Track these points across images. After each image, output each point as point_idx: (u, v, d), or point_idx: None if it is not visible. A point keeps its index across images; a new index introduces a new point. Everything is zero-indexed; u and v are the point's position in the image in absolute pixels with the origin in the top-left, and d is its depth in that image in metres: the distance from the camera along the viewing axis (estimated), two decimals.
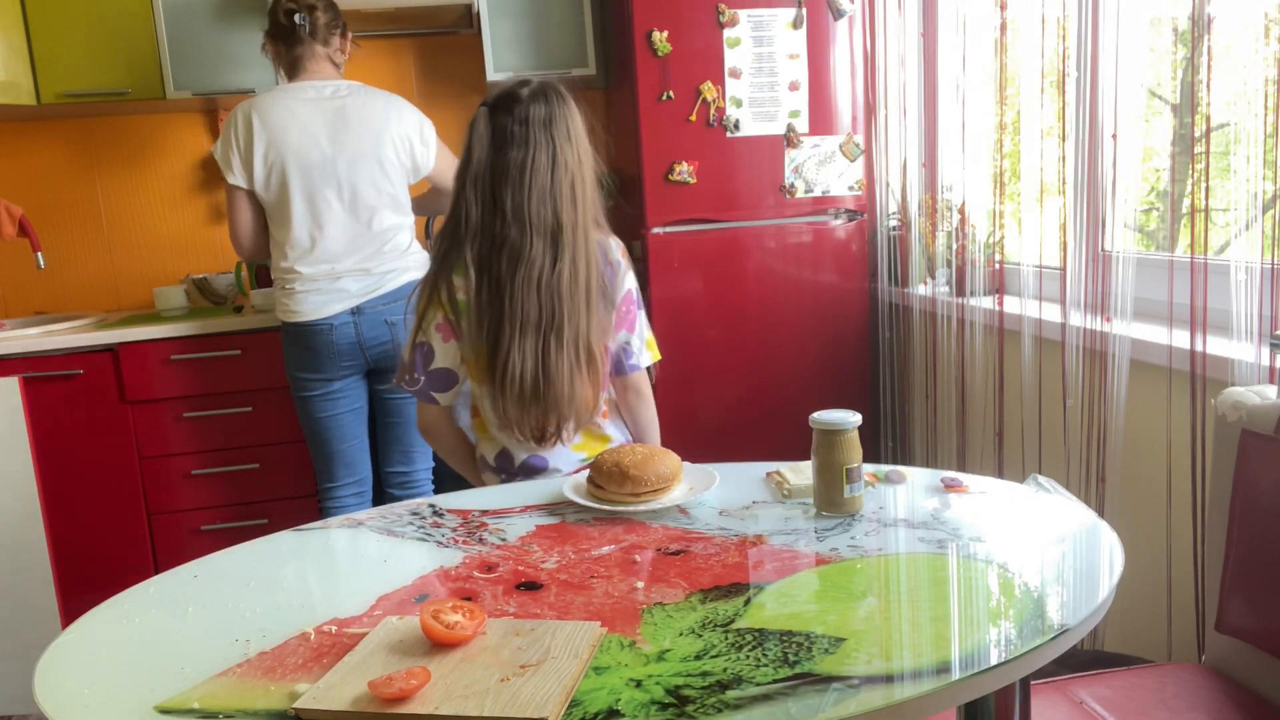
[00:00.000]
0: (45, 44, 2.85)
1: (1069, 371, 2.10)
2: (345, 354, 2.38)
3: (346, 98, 2.37)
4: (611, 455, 1.47)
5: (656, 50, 2.76)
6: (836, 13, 2.82)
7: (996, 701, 1.18)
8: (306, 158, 2.31)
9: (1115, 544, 1.22)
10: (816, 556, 1.24)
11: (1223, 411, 1.47)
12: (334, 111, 2.34)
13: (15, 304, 3.28)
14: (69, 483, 2.76)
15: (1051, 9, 2.09)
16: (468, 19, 3.15)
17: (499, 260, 1.59)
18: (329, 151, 2.31)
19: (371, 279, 2.37)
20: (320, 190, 2.32)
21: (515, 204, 1.58)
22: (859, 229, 2.94)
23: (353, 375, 2.44)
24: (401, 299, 2.37)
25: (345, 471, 2.50)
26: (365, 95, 2.40)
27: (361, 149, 2.33)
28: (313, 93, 2.35)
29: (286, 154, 2.31)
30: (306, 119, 2.32)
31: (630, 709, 0.90)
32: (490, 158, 1.59)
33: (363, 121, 2.35)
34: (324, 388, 2.42)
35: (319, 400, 2.43)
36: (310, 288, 2.35)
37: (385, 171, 2.36)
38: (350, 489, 2.53)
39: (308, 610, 1.16)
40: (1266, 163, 1.59)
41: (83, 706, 0.96)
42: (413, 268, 2.43)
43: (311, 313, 2.35)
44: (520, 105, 1.60)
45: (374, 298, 2.37)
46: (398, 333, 2.38)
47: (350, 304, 2.35)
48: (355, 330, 2.36)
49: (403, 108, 2.44)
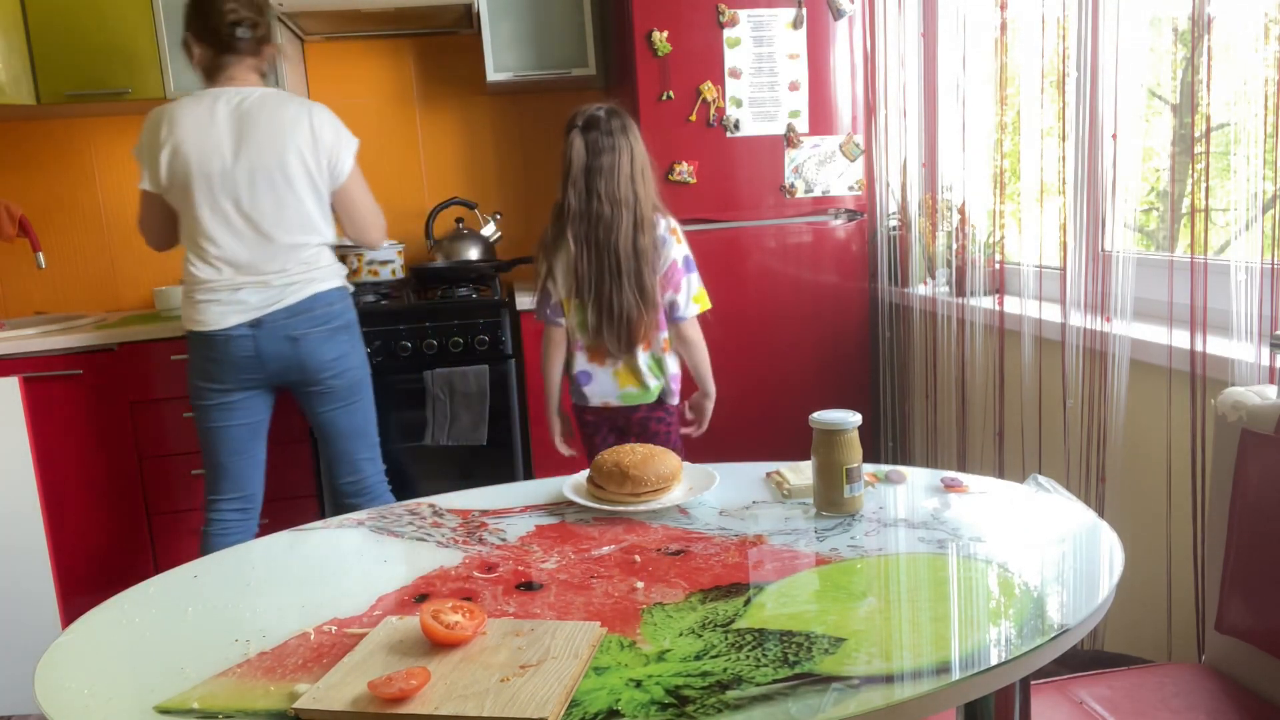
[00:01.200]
0: (45, 44, 2.85)
1: (1069, 371, 2.10)
2: (243, 367, 2.30)
3: (259, 107, 2.28)
4: (611, 455, 1.47)
5: (656, 50, 2.76)
6: (836, 13, 2.82)
7: (996, 701, 1.18)
8: (208, 167, 2.24)
9: (1115, 544, 1.22)
10: (816, 556, 1.24)
11: (1223, 411, 1.47)
12: (243, 121, 2.26)
13: (15, 304, 3.28)
14: (69, 483, 2.76)
15: (1051, 9, 2.09)
16: (468, 19, 3.15)
17: (596, 232, 2.18)
18: (230, 162, 2.24)
19: (272, 291, 2.28)
20: (220, 201, 2.26)
21: (608, 190, 2.17)
22: (859, 229, 2.94)
23: (253, 389, 2.35)
24: (304, 313, 2.31)
25: (229, 486, 2.41)
26: (278, 104, 2.30)
27: (265, 160, 2.25)
28: (224, 102, 2.27)
29: (190, 162, 2.25)
30: (214, 128, 2.25)
31: (630, 709, 0.90)
32: (586, 162, 2.17)
33: (270, 131, 2.26)
34: (219, 398, 2.34)
35: (211, 410, 2.35)
36: (210, 297, 2.28)
37: (290, 183, 2.28)
38: (233, 504, 2.43)
39: (308, 610, 1.16)
40: (1266, 163, 1.59)
41: (83, 706, 0.96)
42: (320, 279, 2.34)
43: (210, 323, 2.28)
44: (603, 122, 2.18)
45: (274, 311, 2.28)
46: (300, 348, 2.31)
47: (249, 316, 2.27)
48: (254, 344, 2.28)
49: (317, 117, 2.33)
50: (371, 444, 2.51)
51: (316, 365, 2.34)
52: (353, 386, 2.43)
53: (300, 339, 2.31)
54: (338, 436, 2.45)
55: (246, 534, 2.46)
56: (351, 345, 2.43)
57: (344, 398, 2.42)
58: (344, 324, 2.40)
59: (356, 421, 2.46)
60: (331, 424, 2.44)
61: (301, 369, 2.34)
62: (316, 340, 2.33)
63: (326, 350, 2.35)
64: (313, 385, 2.37)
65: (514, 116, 3.46)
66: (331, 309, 2.36)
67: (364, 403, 2.47)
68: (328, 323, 2.35)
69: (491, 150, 3.47)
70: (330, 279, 2.37)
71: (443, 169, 3.45)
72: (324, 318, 2.34)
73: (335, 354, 2.37)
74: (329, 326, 2.35)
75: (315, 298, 2.33)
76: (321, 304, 2.34)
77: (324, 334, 2.34)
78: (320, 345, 2.34)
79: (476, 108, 3.44)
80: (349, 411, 2.44)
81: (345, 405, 2.43)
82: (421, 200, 3.44)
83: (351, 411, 2.44)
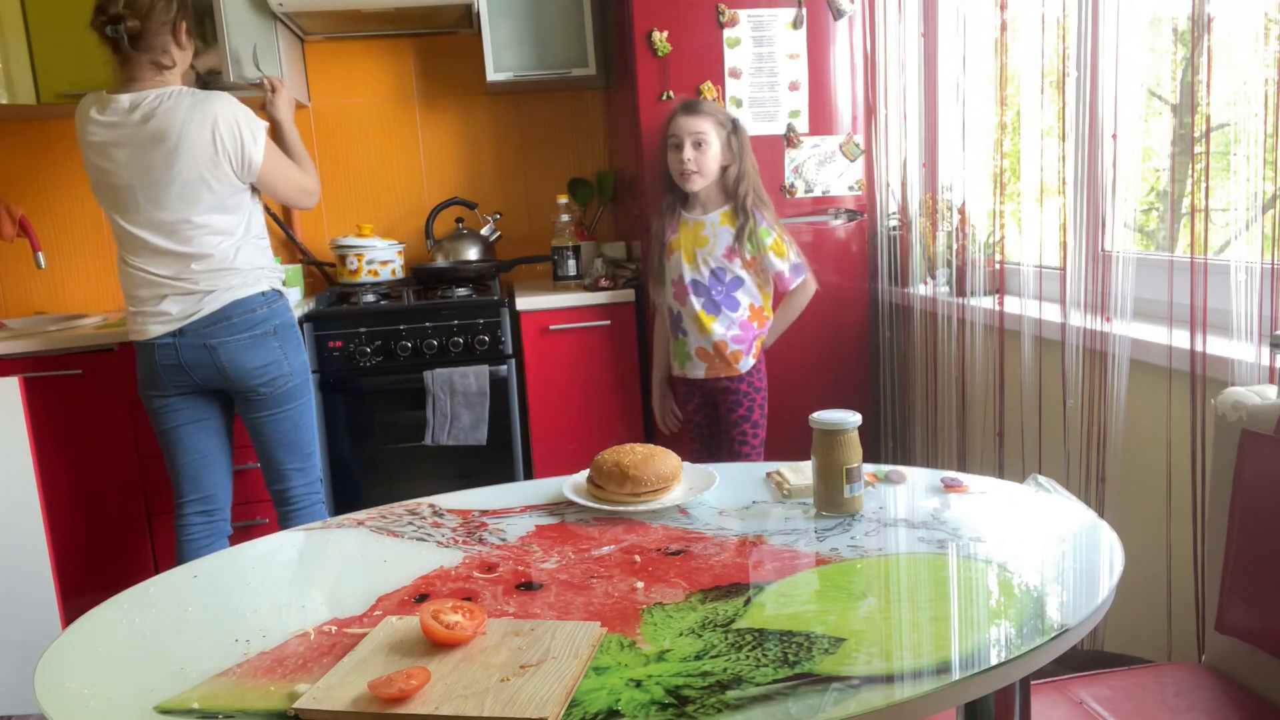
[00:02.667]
0: (45, 44, 2.84)
1: (1069, 371, 2.10)
2: (170, 374, 2.30)
3: (153, 113, 2.19)
4: (611, 455, 1.47)
5: (656, 50, 2.76)
6: (836, 13, 2.82)
7: (996, 701, 1.18)
8: (108, 182, 2.23)
9: (1115, 544, 1.22)
10: (816, 556, 1.24)
11: (1223, 411, 1.47)
12: (136, 128, 2.20)
13: (15, 304, 3.28)
14: (69, 483, 2.76)
15: (1051, 9, 2.09)
16: (468, 19, 3.15)
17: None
18: (126, 177, 2.21)
19: (191, 300, 2.26)
20: (128, 215, 2.24)
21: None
22: (859, 229, 2.94)
23: (189, 392, 2.35)
24: (222, 321, 2.27)
25: (190, 487, 2.41)
26: (175, 104, 2.20)
27: (160, 170, 2.20)
28: (116, 108, 2.21)
29: (95, 174, 2.26)
30: (105, 143, 2.22)
31: (630, 709, 0.90)
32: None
33: (161, 137, 2.19)
34: (160, 401, 2.35)
35: (157, 413, 2.36)
36: (137, 309, 2.29)
37: (193, 192, 2.22)
38: (195, 507, 2.43)
39: (308, 610, 1.16)
40: (1266, 163, 1.59)
41: (83, 706, 0.96)
42: (238, 286, 2.29)
43: (138, 334, 2.30)
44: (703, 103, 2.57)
45: (194, 320, 2.26)
46: (218, 357, 2.28)
47: (171, 326, 2.26)
48: (176, 353, 2.27)
49: (217, 110, 2.23)
50: (303, 455, 2.46)
51: (239, 373, 2.30)
52: (283, 395, 2.37)
53: (218, 347, 2.28)
54: (264, 444, 2.42)
55: (215, 538, 2.45)
56: (283, 352, 2.36)
57: (273, 405, 2.37)
58: (269, 330, 2.33)
59: (284, 430, 2.41)
60: (257, 431, 2.41)
61: (224, 377, 2.31)
62: (236, 348, 2.29)
63: (249, 358, 2.30)
64: (241, 391, 2.35)
65: (514, 116, 3.46)
66: (253, 315, 2.30)
67: (294, 412, 2.41)
68: (249, 330, 2.30)
69: (491, 150, 3.47)
70: (251, 285, 2.31)
71: (443, 169, 3.45)
72: (244, 325, 2.29)
73: (260, 361, 2.32)
74: (251, 334, 2.30)
75: (234, 305, 2.28)
76: (240, 311, 2.29)
77: (245, 341, 2.29)
78: (241, 353, 2.29)
79: (476, 108, 3.44)
80: (276, 420, 2.39)
81: (273, 413, 2.38)
82: (421, 200, 3.44)
83: (278, 420, 2.39)
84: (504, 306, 2.93)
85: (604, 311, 2.93)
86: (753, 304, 2.55)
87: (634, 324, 2.96)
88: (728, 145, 2.49)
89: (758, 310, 2.56)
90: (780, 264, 2.52)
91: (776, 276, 2.54)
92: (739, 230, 2.49)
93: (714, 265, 2.50)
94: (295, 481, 2.46)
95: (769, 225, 2.50)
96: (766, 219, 2.50)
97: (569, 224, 3.16)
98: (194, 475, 2.41)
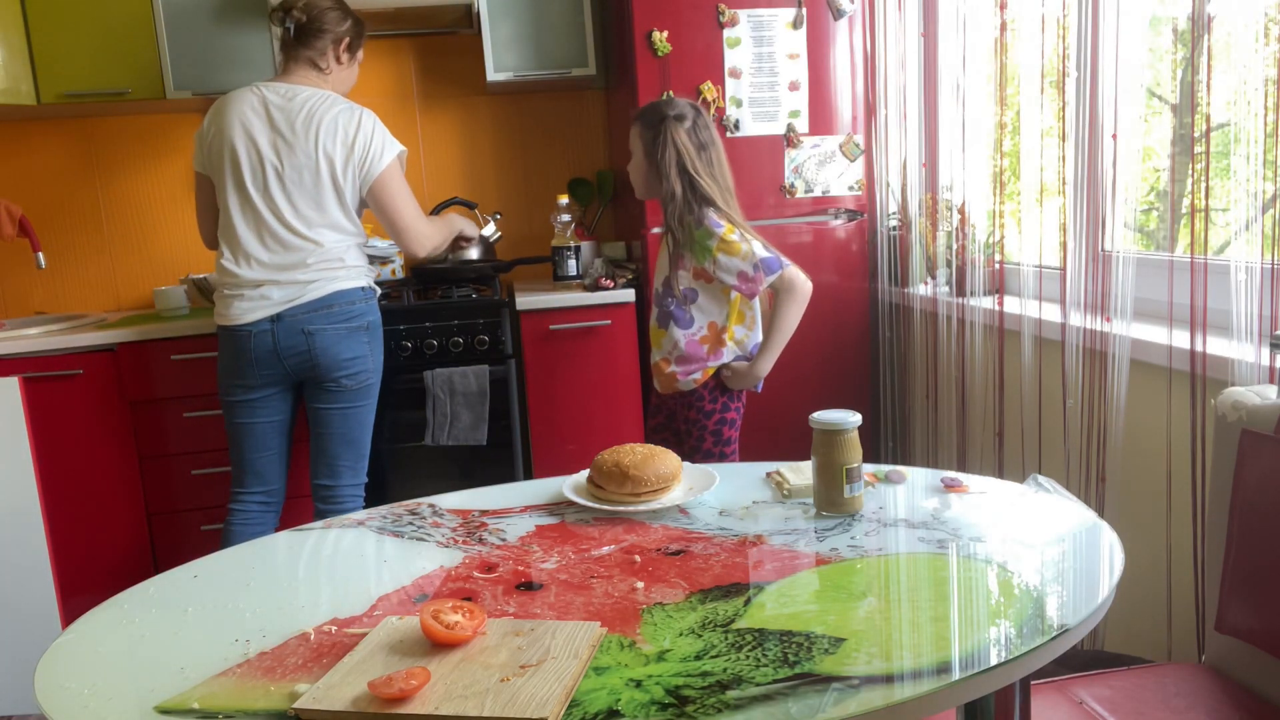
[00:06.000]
0: (45, 44, 2.85)
1: (1069, 371, 2.10)
2: (263, 362, 2.33)
3: (301, 104, 2.31)
4: (611, 455, 1.47)
5: (656, 50, 2.76)
6: (836, 13, 2.82)
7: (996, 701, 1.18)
8: (242, 159, 2.29)
9: (1115, 544, 1.22)
10: (816, 556, 1.24)
11: (1223, 411, 1.47)
12: (282, 117, 2.30)
13: (15, 304, 3.28)
14: (69, 483, 2.76)
15: (1051, 9, 2.09)
16: (468, 19, 3.15)
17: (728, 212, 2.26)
18: (265, 156, 2.28)
19: (294, 288, 2.31)
20: (252, 195, 2.29)
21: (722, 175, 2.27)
22: (859, 229, 2.94)
23: (274, 385, 2.38)
24: (323, 309, 2.32)
25: (254, 480, 2.45)
26: (320, 103, 2.32)
27: (296, 157, 2.29)
28: (271, 95, 2.32)
29: (225, 152, 2.30)
30: (252, 121, 2.29)
31: (630, 709, 0.90)
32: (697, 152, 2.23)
33: (306, 129, 2.29)
34: (243, 394, 2.37)
35: (237, 406, 2.39)
36: (236, 292, 2.32)
37: (319, 181, 2.30)
38: (257, 498, 2.47)
39: (308, 610, 1.16)
40: (1266, 163, 1.59)
41: (83, 706, 0.96)
42: (343, 278, 2.36)
43: (235, 318, 2.32)
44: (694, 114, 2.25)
45: (294, 306, 2.31)
46: (314, 343, 2.32)
47: (271, 311, 2.30)
48: (273, 339, 2.31)
49: (356, 119, 2.34)
50: (359, 454, 2.49)
51: (329, 362, 2.35)
52: (360, 391, 2.43)
53: (315, 334, 2.32)
54: (328, 437, 2.44)
55: (268, 526, 2.49)
56: (370, 348, 2.43)
57: (348, 399, 2.41)
58: (363, 325, 2.40)
59: (350, 426, 2.45)
60: (327, 422, 2.43)
61: (314, 364, 2.35)
62: (332, 337, 2.34)
63: (342, 349, 2.36)
64: (323, 381, 2.38)
65: (514, 116, 3.46)
66: (352, 307, 2.37)
67: (364, 411, 2.46)
68: (347, 320, 2.36)
69: (491, 150, 3.47)
70: (354, 279, 2.38)
71: (443, 169, 3.45)
72: (343, 315, 2.35)
73: (351, 354, 2.37)
74: (348, 325, 2.36)
75: (336, 294, 2.34)
76: (342, 301, 2.35)
77: (341, 332, 2.35)
78: (336, 342, 2.34)
79: (476, 108, 3.44)
80: (346, 415, 2.43)
81: (347, 407, 2.42)
82: (422, 200, 3.41)
83: (349, 415, 2.43)
84: (504, 306, 2.93)
85: (604, 311, 2.93)
86: (713, 322, 2.25)
87: (634, 324, 2.96)
88: (652, 146, 2.22)
89: (717, 331, 2.25)
90: (738, 263, 2.16)
91: (741, 279, 2.18)
92: (678, 236, 2.23)
93: (665, 274, 2.29)
94: (346, 480, 2.49)
95: (712, 223, 2.18)
96: (711, 216, 2.19)
97: (569, 224, 3.17)
98: (260, 471, 2.46)
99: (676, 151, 2.19)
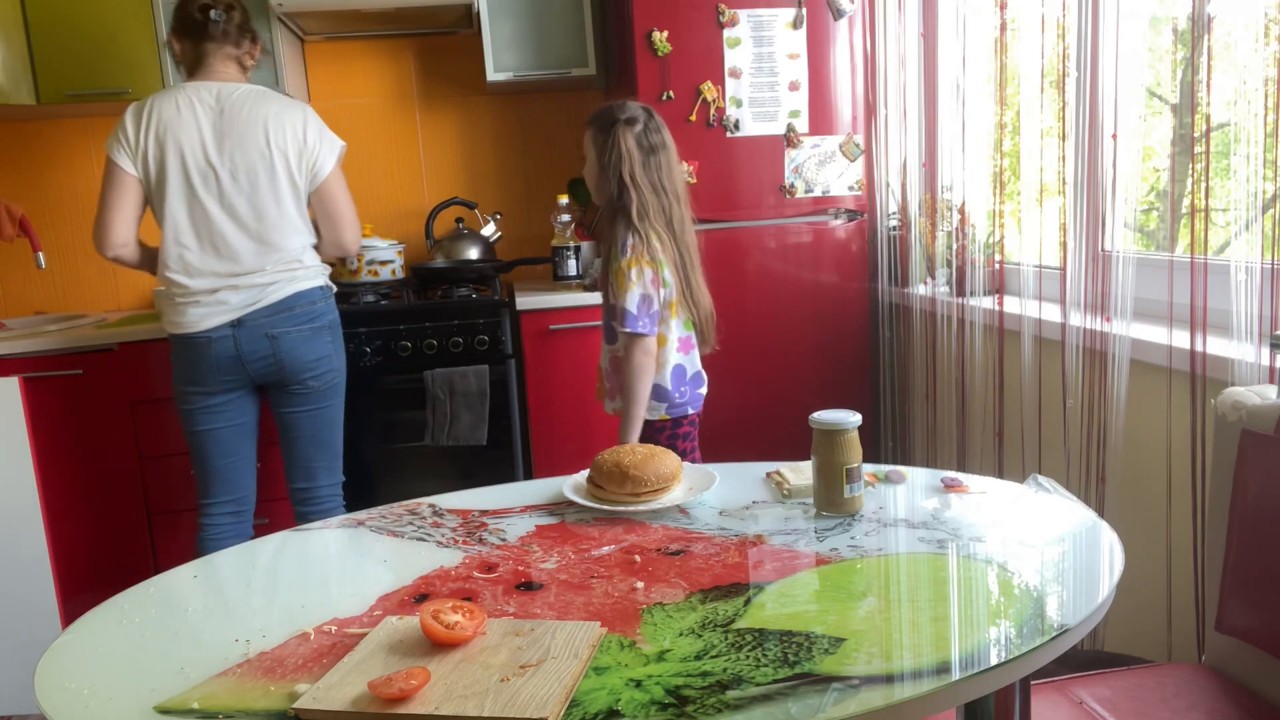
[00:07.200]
0: (45, 44, 2.85)
1: (1069, 371, 2.10)
2: (225, 368, 2.28)
3: (241, 103, 2.25)
4: (611, 455, 1.47)
5: (656, 50, 2.76)
6: (836, 13, 2.82)
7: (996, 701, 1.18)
8: (190, 164, 2.22)
9: (1115, 544, 1.22)
10: (816, 556, 1.24)
11: (1223, 411, 1.47)
12: (224, 116, 2.23)
13: (15, 304, 3.28)
14: (69, 483, 2.76)
15: (1051, 9, 2.09)
16: (468, 19, 3.15)
17: (673, 226, 2.13)
18: (211, 158, 2.22)
19: (253, 291, 2.26)
20: (200, 198, 2.22)
21: (670, 184, 2.14)
22: (859, 229, 2.94)
23: (236, 390, 2.33)
24: (285, 311, 2.29)
25: (222, 489, 2.39)
26: (260, 100, 2.27)
27: (248, 157, 2.23)
28: (206, 94, 2.25)
29: (167, 158, 2.22)
30: (195, 122, 2.22)
31: (630, 709, 0.90)
32: (643, 158, 2.11)
33: (252, 128, 2.23)
34: (203, 401, 2.32)
35: (198, 414, 2.33)
36: (189, 299, 2.25)
37: (273, 182, 2.25)
38: (227, 508, 2.41)
39: (308, 610, 1.16)
40: (1266, 163, 1.59)
41: (83, 706, 0.96)
42: (302, 278, 2.32)
43: (191, 325, 2.26)
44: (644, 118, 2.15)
45: (255, 310, 2.26)
46: (279, 346, 2.29)
47: (230, 317, 2.25)
48: (234, 344, 2.26)
49: (299, 116, 2.30)
50: (333, 453, 2.47)
51: (296, 365, 2.32)
52: (327, 391, 2.40)
53: (279, 337, 2.29)
54: (298, 440, 2.42)
55: (242, 536, 2.44)
56: (334, 347, 2.40)
57: (315, 400, 2.38)
58: (326, 324, 2.37)
59: (320, 427, 2.42)
60: (297, 426, 2.40)
61: (279, 368, 2.31)
62: (297, 339, 2.31)
63: (307, 350, 2.33)
64: (288, 384, 2.35)
65: (514, 116, 3.46)
66: (314, 308, 2.34)
67: (332, 410, 2.44)
68: (310, 321, 2.33)
69: (491, 150, 3.47)
70: (313, 278, 2.35)
71: (443, 169, 3.45)
72: (306, 316, 2.32)
73: (316, 354, 2.35)
74: (312, 326, 2.33)
75: (297, 296, 2.30)
76: (303, 302, 2.31)
77: (306, 333, 2.32)
78: (301, 344, 2.32)
79: (476, 108, 3.44)
80: (314, 416, 2.40)
81: (314, 409, 2.39)
82: (421, 200, 3.44)
83: (317, 416, 2.40)
84: (504, 307, 2.93)
85: None
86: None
87: None
88: (603, 150, 2.14)
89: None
90: (623, 297, 2.06)
91: (621, 313, 2.07)
92: (604, 245, 2.18)
93: (603, 287, 2.21)
94: (322, 480, 2.47)
95: (622, 246, 2.08)
96: (627, 238, 2.08)
97: (569, 224, 3.16)
98: (228, 478, 2.40)
99: (620, 156, 2.09)
